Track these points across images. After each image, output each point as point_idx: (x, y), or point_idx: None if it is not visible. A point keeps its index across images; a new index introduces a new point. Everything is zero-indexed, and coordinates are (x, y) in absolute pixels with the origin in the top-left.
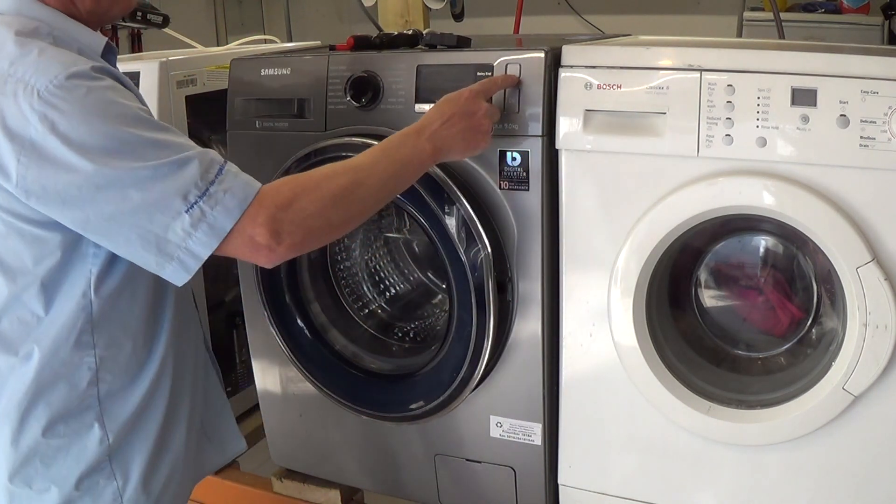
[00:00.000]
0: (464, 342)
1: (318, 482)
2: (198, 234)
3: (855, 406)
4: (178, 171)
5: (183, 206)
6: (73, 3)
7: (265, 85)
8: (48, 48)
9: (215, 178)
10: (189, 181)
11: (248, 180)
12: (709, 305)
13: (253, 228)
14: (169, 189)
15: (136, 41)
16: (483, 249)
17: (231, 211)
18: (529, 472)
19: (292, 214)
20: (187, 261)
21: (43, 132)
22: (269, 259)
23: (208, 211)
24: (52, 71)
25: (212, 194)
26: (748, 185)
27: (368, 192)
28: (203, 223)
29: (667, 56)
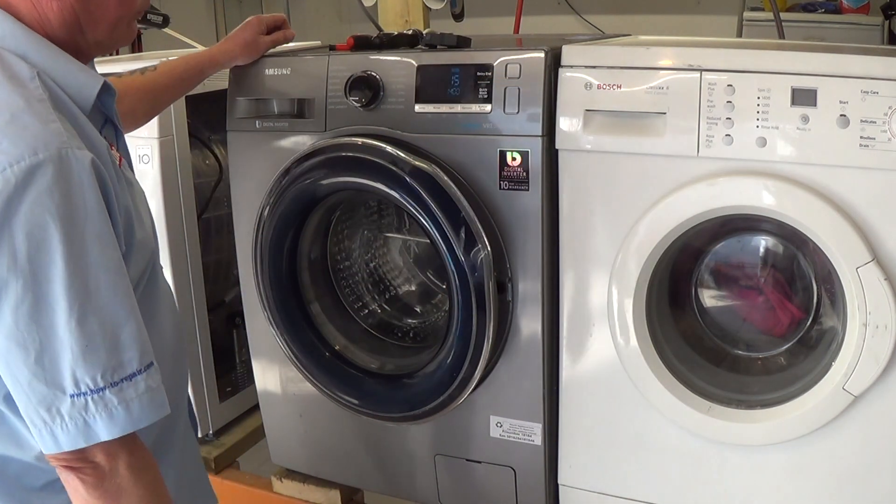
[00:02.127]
0: (464, 342)
1: (318, 482)
2: (69, 425)
3: (855, 406)
4: (87, 347)
5: (70, 389)
6: (82, 33)
7: (265, 85)
8: (23, 111)
9: (120, 382)
10: (92, 366)
11: (156, 406)
12: (709, 305)
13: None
14: (67, 362)
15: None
16: (483, 249)
17: (115, 425)
18: (529, 472)
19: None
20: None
21: None
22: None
23: (93, 410)
24: (17, 150)
25: (105, 396)
26: (748, 185)
27: None
28: (80, 418)
29: (667, 56)
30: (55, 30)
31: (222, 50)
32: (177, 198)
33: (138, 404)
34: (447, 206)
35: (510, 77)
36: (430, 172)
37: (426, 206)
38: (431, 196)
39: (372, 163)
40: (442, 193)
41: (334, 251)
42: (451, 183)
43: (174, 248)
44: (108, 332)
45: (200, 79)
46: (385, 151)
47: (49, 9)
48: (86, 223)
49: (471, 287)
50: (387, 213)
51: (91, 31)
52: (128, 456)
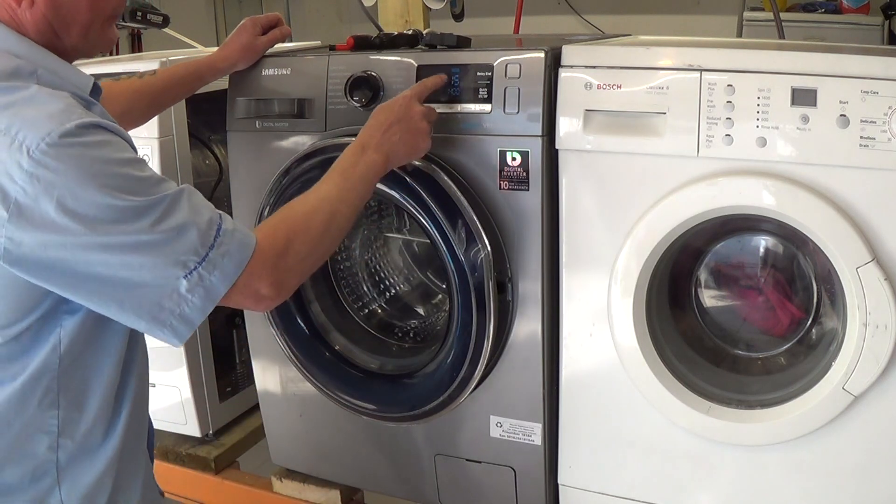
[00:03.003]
0: (464, 342)
1: (318, 482)
2: (193, 300)
3: (855, 406)
4: (177, 238)
5: (181, 273)
6: (56, 37)
7: (265, 85)
8: (36, 95)
9: (214, 242)
10: (188, 248)
11: (244, 238)
12: (709, 305)
13: (259, 283)
14: (167, 257)
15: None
16: (483, 249)
17: (228, 275)
18: (529, 472)
19: (290, 261)
20: (179, 327)
21: (33, 195)
22: (268, 307)
23: (206, 276)
24: (43, 126)
25: (210, 259)
26: (748, 185)
27: (343, 217)
28: (199, 288)
29: (667, 56)
30: (32, 37)
31: (221, 57)
32: None
33: (234, 244)
34: (447, 206)
35: (510, 77)
36: (429, 173)
37: (426, 206)
38: (431, 196)
39: None
40: (442, 193)
41: (334, 251)
42: (450, 183)
43: None
44: (185, 212)
45: (199, 85)
46: None
47: (24, 18)
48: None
49: (471, 287)
50: (387, 213)
51: (66, 37)
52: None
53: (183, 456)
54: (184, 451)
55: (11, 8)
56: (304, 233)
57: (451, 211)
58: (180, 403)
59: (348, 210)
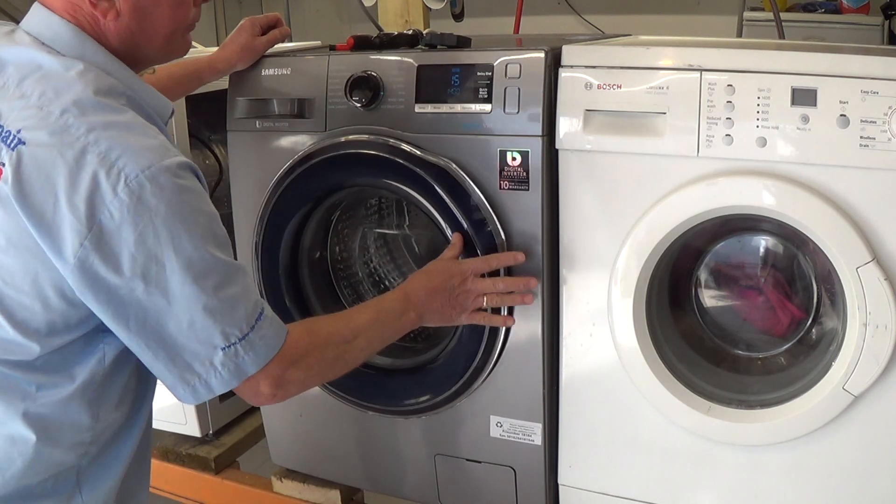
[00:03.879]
0: (477, 333)
1: (318, 482)
2: (223, 373)
3: (855, 406)
4: (229, 309)
5: (222, 344)
6: (138, 48)
7: (265, 85)
8: (134, 123)
9: (255, 324)
10: (235, 322)
11: (279, 328)
12: (709, 305)
13: (264, 379)
14: (217, 324)
15: None
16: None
17: (260, 359)
18: (529, 472)
19: (298, 373)
20: (201, 391)
21: (119, 222)
22: (261, 404)
23: (242, 354)
24: (144, 158)
25: (249, 339)
26: (748, 185)
27: (362, 352)
28: (231, 363)
29: (667, 56)
30: (114, 47)
31: (220, 57)
32: None
33: (271, 331)
34: (464, 203)
35: (510, 77)
36: (445, 168)
37: (439, 199)
38: (447, 192)
39: (386, 160)
40: (459, 189)
41: (334, 251)
42: (465, 177)
43: None
44: (240, 291)
45: (198, 85)
46: (399, 149)
47: (108, 29)
48: (206, 213)
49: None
50: (387, 212)
51: (147, 47)
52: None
53: (183, 456)
54: (184, 451)
55: (95, 19)
56: (321, 350)
57: (468, 207)
58: (180, 403)
59: (367, 346)
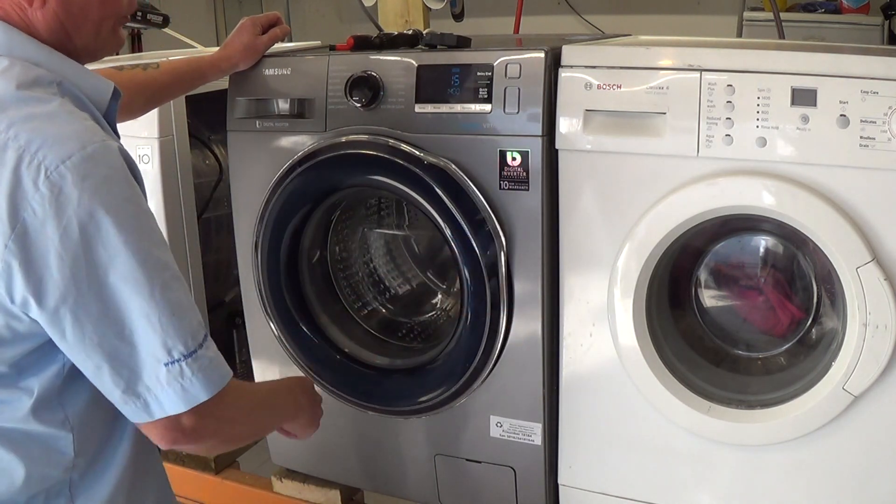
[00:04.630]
0: (477, 333)
1: (318, 482)
2: (170, 392)
3: (855, 406)
4: (170, 318)
5: (164, 358)
6: (68, 37)
7: (265, 85)
8: (58, 112)
9: (203, 342)
10: (179, 335)
11: (221, 360)
12: (709, 305)
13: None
14: (157, 335)
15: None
16: (496, 237)
17: (211, 384)
18: (529, 472)
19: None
20: (153, 407)
21: (42, 219)
22: (170, 444)
23: (189, 375)
24: (65, 147)
25: (199, 358)
26: (748, 185)
27: (263, 420)
28: (177, 384)
29: (667, 56)
30: (44, 38)
31: (223, 57)
32: (177, 198)
33: (219, 358)
34: (463, 203)
35: (510, 77)
36: (444, 168)
37: (440, 202)
38: (446, 192)
39: (386, 160)
40: (458, 190)
41: (334, 251)
42: (464, 177)
43: (174, 248)
44: (184, 299)
45: (201, 82)
46: (399, 149)
47: (35, 18)
48: (139, 201)
49: (484, 276)
50: (387, 212)
51: (76, 36)
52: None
53: (183, 456)
54: (184, 451)
55: (22, 8)
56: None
57: (468, 207)
58: None
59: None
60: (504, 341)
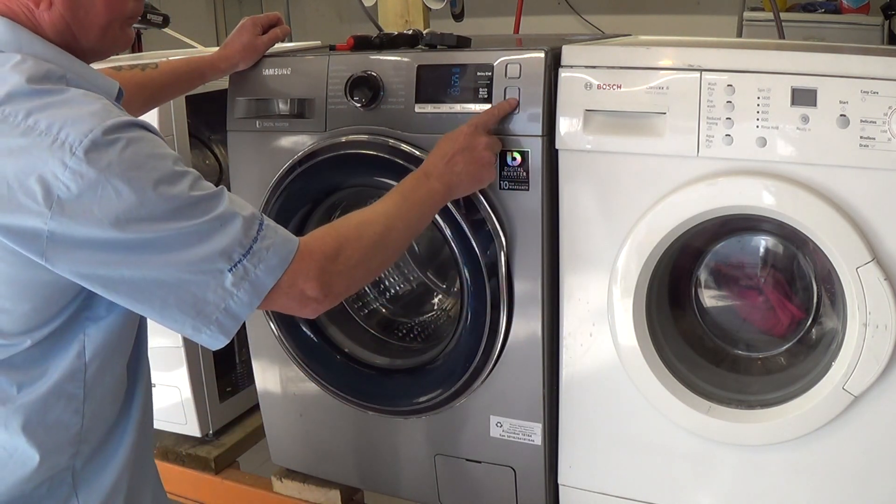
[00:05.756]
0: (477, 333)
1: (318, 482)
2: (239, 294)
3: (855, 406)
4: (220, 229)
5: (226, 266)
6: (74, 39)
7: (265, 85)
8: (73, 97)
9: (257, 235)
10: (233, 239)
11: (287, 235)
12: (709, 305)
13: (305, 283)
14: (213, 248)
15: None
16: (497, 237)
17: (274, 269)
18: (529, 472)
19: (340, 265)
20: (226, 323)
21: (77, 192)
22: (314, 311)
23: (251, 269)
24: (86, 124)
25: (255, 252)
26: (748, 185)
27: (399, 235)
28: (245, 282)
29: (667, 56)
30: (50, 39)
31: (223, 56)
32: None
33: (278, 238)
34: (463, 203)
35: (510, 77)
36: None
37: None
38: None
39: (386, 160)
40: None
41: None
42: None
43: None
44: (228, 206)
45: (200, 82)
46: (399, 149)
47: (42, 19)
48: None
49: (484, 276)
50: None
51: (83, 38)
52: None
53: (183, 456)
54: (184, 451)
55: (30, 9)
56: (357, 240)
57: (465, 204)
58: (180, 403)
59: (405, 228)
60: (504, 341)
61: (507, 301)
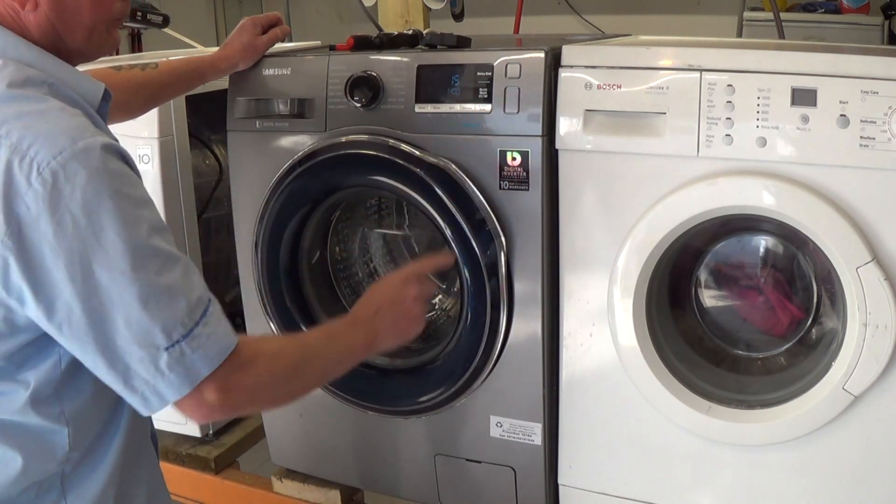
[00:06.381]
0: (477, 333)
1: (318, 482)
2: (171, 377)
3: (855, 406)
4: (167, 301)
5: (164, 343)
6: (61, 40)
7: (265, 85)
8: (50, 110)
9: (201, 319)
10: (177, 316)
11: (228, 328)
12: (709, 305)
13: (207, 384)
14: (154, 320)
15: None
16: (497, 237)
17: (211, 358)
18: (529, 472)
19: (247, 378)
20: (152, 400)
21: (36, 214)
22: (204, 417)
23: (189, 353)
24: (57, 143)
25: (196, 335)
26: (748, 185)
27: (314, 372)
28: (180, 366)
29: (667, 56)
30: (36, 40)
31: (223, 56)
32: (177, 198)
33: (220, 329)
34: (463, 203)
35: (510, 77)
36: (444, 168)
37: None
38: (446, 192)
39: (386, 160)
40: (458, 190)
41: (334, 251)
42: (464, 176)
43: None
44: (181, 278)
45: (200, 82)
46: (399, 149)
47: (28, 20)
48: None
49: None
50: (387, 212)
51: (69, 39)
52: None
53: (183, 456)
54: (184, 451)
55: (15, 10)
56: (271, 360)
57: (467, 207)
58: None
59: (321, 369)
60: (504, 341)
61: (507, 301)
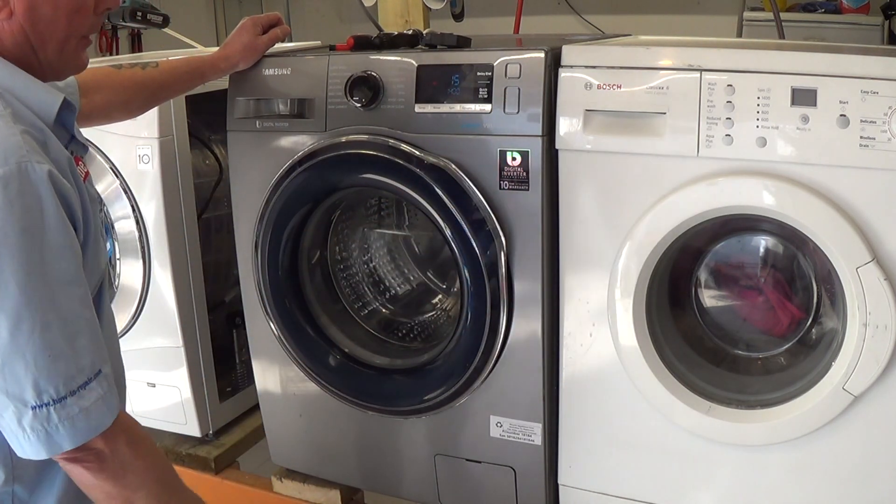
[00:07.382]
0: (477, 333)
1: (318, 482)
2: (31, 437)
3: (855, 406)
4: (47, 361)
5: (32, 401)
6: (33, 52)
7: (265, 85)
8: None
9: (78, 390)
10: (51, 378)
11: (111, 406)
12: (709, 305)
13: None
14: (30, 374)
15: (136, 41)
16: (497, 237)
17: (78, 434)
18: (529, 472)
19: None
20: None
21: None
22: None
23: (55, 421)
24: None
25: (67, 405)
26: (748, 185)
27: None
28: (41, 430)
29: (667, 56)
30: (8, 50)
31: (223, 56)
32: (177, 198)
33: (99, 407)
34: (463, 203)
35: (510, 77)
36: (444, 168)
37: (438, 199)
38: (446, 192)
39: (386, 160)
40: (458, 190)
41: (334, 250)
42: (464, 176)
43: (174, 248)
44: (68, 342)
45: (200, 82)
46: (399, 149)
47: (2, 29)
48: (44, 234)
49: (485, 277)
50: (387, 212)
51: (41, 51)
52: (125, 434)
53: (183, 456)
54: (184, 451)
55: None
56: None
57: (467, 206)
58: (180, 403)
59: None
60: (504, 341)
61: (507, 301)
